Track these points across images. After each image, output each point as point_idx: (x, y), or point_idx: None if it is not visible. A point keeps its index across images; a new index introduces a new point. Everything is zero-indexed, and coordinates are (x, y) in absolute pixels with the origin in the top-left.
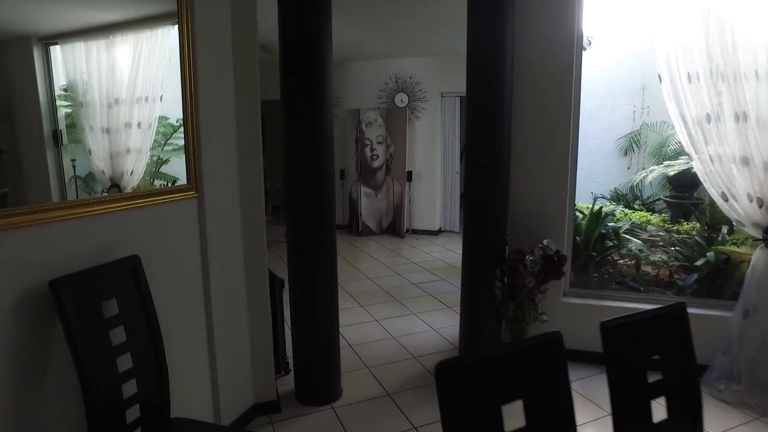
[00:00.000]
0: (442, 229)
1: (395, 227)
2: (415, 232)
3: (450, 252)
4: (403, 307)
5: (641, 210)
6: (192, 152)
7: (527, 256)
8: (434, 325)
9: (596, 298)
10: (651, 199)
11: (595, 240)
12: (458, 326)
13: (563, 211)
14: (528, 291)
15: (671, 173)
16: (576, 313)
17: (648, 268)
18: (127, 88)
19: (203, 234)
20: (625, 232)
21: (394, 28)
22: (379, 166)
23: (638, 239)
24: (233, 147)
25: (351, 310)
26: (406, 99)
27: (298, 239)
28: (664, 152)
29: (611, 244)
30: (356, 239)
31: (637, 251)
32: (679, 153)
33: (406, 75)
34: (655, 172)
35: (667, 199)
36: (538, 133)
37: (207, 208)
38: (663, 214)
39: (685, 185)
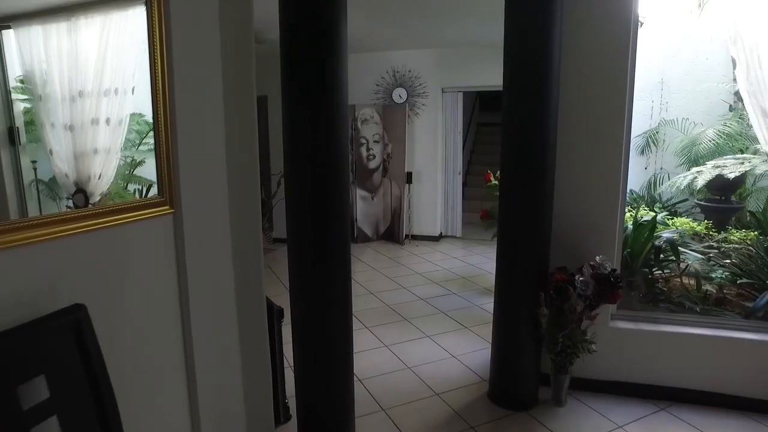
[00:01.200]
0: (443, 234)
1: (393, 233)
2: (414, 237)
3: (455, 260)
4: (414, 328)
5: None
6: (165, 156)
7: (577, 276)
8: (454, 350)
9: (650, 322)
10: (671, 202)
11: (646, 253)
12: (482, 352)
13: (613, 221)
14: (576, 317)
15: (730, 175)
16: (627, 340)
17: (707, 286)
18: (94, 78)
19: (182, 263)
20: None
21: (393, 16)
22: (375, 167)
23: (691, 251)
24: (221, 150)
25: (356, 334)
26: (404, 94)
27: (302, 256)
28: (695, 151)
29: (664, 258)
30: (351, 247)
31: (696, 267)
32: (717, 152)
33: (404, 68)
34: (706, 174)
35: (703, 203)
36: (586, 132)
37: (186, 228)
38: (705, 221)
39: (722, 187)
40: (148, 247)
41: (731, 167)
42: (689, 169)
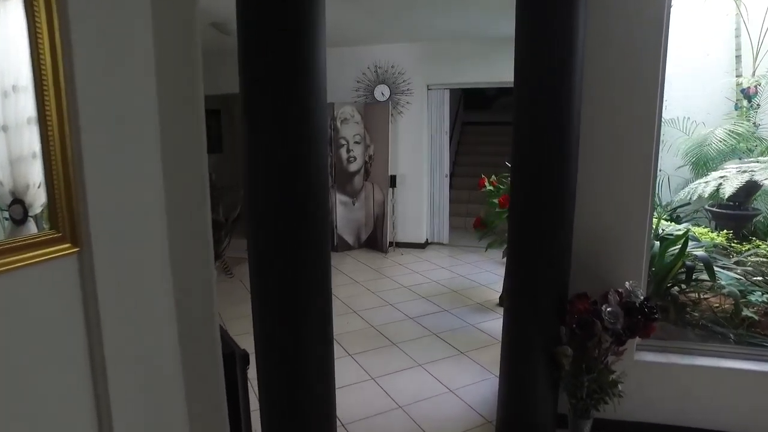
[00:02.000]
0: (429, 240)
1: (376, 241)
2: (399, 245)
3: (443, 271)
4: (403, 354)
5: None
6: (61, 177)
7: (603, 307)
8: (451, 383)
9: (681, 353)
10: (671, 207)
11: (675, 273)
12: (483, 384)
13: (640, 238)
14: (602, 354)
15: (766, 181)
16: (654, 374)
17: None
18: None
19: (92, 318)
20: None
21: (373, 7)
22: (356, 169)
23: (722, 269)
24: (154, 165)
25: (337, 363)
26: (387, 92)
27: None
28: (704, 152)
29: (696, 278)
30: (331, 256)
31: (732, 288)
32: (729, 154)
33: (387, 64)
34: (733, 180)
35: (715, 209)
36: (610, 135)
37: (99, 271)
38: (725, 231)
39: (738, 192)
40: (37, 303)
41: (760, 172)
42: (696, 173)
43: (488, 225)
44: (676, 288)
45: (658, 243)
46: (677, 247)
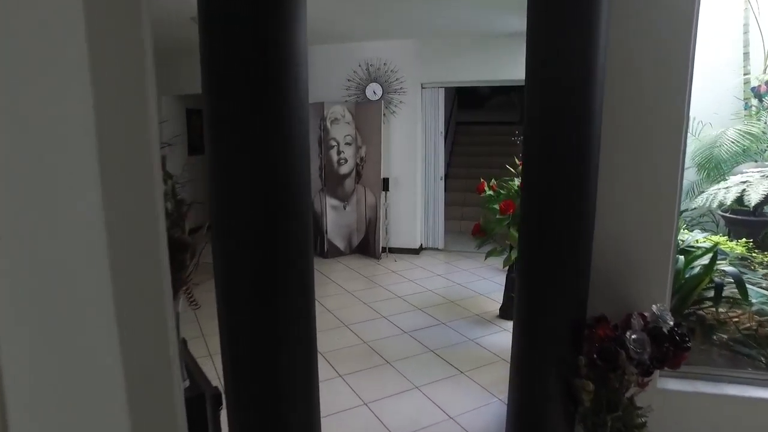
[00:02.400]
0: (424, 246)
1: (368, 246)
2: (392, 251)
3: (439, 279)
4: (398, 375)
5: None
6: None
7: (628, 334)
8: (451, 408)
9: (710, 380)
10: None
11: (701, 290)
12: (486, 410)
13: (665, 252)
14: (624, 386)
15: None
16: (680, 405)
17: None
18: None
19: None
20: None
21: (365, 1)
22: (347, 172)
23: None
24: (92, 177)
25: (326, 385)
26: (379, 90)
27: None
28: (715, 154)
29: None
30: (321, 263)
31: (764, 305)
32: (743, 155)
33: (379, 61)
34: (758, 186)
35: (728, 215)
36: (633, 137)
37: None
38: (743, 240)
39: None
40: None
41: None
42: (706, 175)
43: (488, 232)
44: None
45: (681, 257)
46: (701, 260)
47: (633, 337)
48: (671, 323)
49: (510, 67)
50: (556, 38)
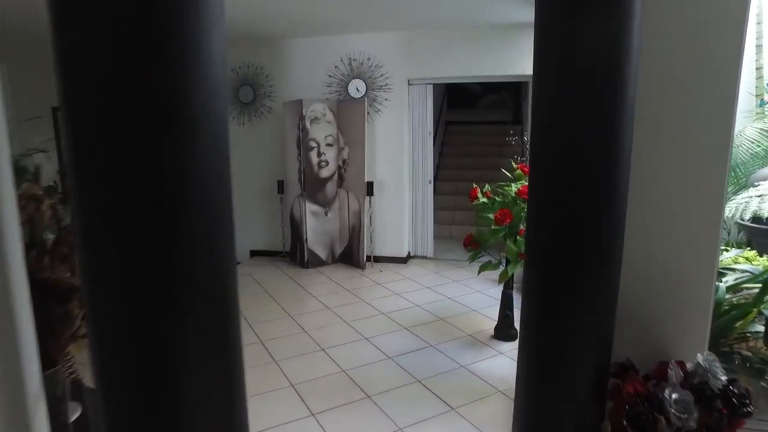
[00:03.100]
0: (412, 254)
1: (352, 255)
2: (377, 260)
3: (427, 292)
4: (380, 413)
5: None
6: None
7: (668, 392)
8: None
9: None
10: None
11: (746, 324)
12: None
13: (707, 279)
14: None
15: None
16: None
17: None
18: None
19: None
20: None
21: None
22: (329, 175)
23: None
24: None
25: (296, 426)
26: (363, 87)
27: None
28: (734, 155)
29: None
30: (301, 273)
31: None
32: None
33: (362, 56)
34: None
35: (749, 223)
36: (671, 137)
37: None
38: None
39: None
40: None
41: None
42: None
43: (481, 244)
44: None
45: (721, 285)
46: (740, 286)
47: (674, 396)
48: (724, 379)
49: (504, 62)
50: (579, 10)
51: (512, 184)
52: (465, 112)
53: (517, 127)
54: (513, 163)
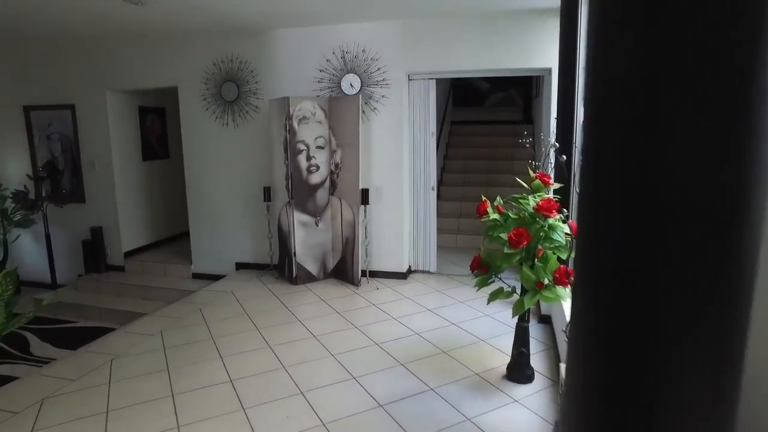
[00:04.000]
0: (413, 268)
1: (346, 270)
2: (374, 275)
3: (429, 316)
4: None
5: None
6: None
7: None
8: None
9: None
10: None
11: None
12: None
13: None
14: None
15: None
16: None
17: None
18: None
19: None
20: None
21: None
22: (319, 181)
23: None
24: None
25: None
26: (357, 83)
27: None
28: None
29: None
30: (289, 291)
31: None
32: None
33: (356, 48)
34: None
35: None
36: None
37: None
38: None
39: None
40: None
41: None
42: None
43: (491, 268)
44: None
45: None
46: None
47: None
48: None
49: (519, 53)
50: None
51: (529, 197)
52: (471, 110)
53: (527, 126)
54: (530, 171)
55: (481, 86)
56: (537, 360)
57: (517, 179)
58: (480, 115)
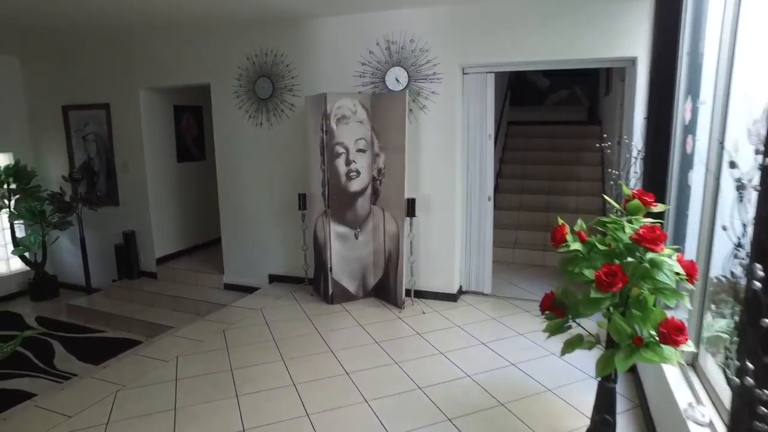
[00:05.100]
0: (464, 289)
1: (388, 289)
2: (420, 295)
3: (483, 351)
4: None
5: None
6: None
7: None
8: None
9: None
10: None
11: None
12: None
13: None
14: None
15: None
16: None
17: None
18: None
19: None
20: None
21: None
22: (360, 189)
23: None
24: None
25: None
26: (404, 78)
27: None
28: None
29: None
30: (323, 311)
31: None
32: None
33: (404, 38)
34: None
35: None
36: None
37: None
38: None
39: None
40: None
41: None
42: None
43: (568, 311)
44: None
45: None
46: None
47: None
48: None
49: (597, 39)
50: None
51: (624, 219)
52: (529, 110)
53: (593, 128)
54: (623, 187)
55: (541, 83)
56: (621, 423)
57: (606, 197)
58: (539, 115)
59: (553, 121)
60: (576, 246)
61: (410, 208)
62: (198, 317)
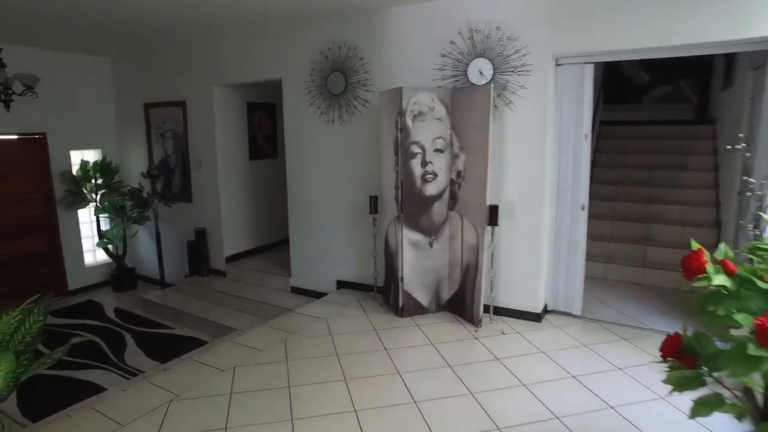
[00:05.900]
0: (549, 308)
1: (464, 304)
2: (499, 313)
3: (574, 386)
4: None
5: None
6: None
7: None
8: None
9: None
10: None
11: None
12: None
13: None
14: None
15: None
16: None
17: None
18: None
19: None
20: None
21: None
22: (436, 193)
23: None
24: None
25: None
26: (489, 70)
27: None
28: None
29: None
30: (392, 324)
31: None
32: None
33: (489, 26)
34: None
35: None
36: None
37: None
38: None
39: None
40: None
41: None
42: None
43: (703, 363)
44: None
45: None
46: None
47: None
48: None
49: (723, 17)
50: None
51: None
52: (626, 108)
53: (703, 128)
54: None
55: (640, 78)
56: None
57: (762, 214)
58: (636, 114)
59: (653, 121)
60: (720, 280)
61: (493, 215)
62: (262, 321)
